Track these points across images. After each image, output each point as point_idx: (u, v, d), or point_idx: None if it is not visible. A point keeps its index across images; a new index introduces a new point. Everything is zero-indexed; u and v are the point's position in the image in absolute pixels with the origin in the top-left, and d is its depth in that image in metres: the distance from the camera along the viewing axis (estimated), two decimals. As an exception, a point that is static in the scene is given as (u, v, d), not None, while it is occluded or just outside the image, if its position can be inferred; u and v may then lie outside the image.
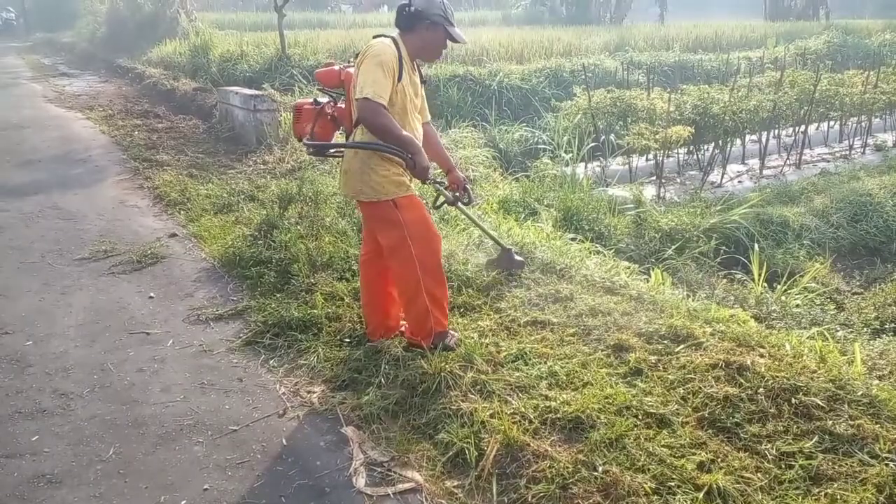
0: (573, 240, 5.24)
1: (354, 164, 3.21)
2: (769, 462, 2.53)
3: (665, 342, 3.34)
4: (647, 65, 12.73)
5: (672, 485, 2.44)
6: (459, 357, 3.23)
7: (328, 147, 3.40)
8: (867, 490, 2.36)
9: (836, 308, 4.98)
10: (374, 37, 3.17)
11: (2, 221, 5.91)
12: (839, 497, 2.35)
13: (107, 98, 12.60)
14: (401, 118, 3.14)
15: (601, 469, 2.52)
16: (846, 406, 2.75)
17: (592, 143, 8.43)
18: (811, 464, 2.49)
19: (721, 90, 8.91)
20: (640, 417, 2.79)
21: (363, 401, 3.14)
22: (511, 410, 2.88)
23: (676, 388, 2.96)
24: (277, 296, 4.23)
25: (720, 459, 2.55)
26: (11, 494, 2.64)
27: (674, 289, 4.35)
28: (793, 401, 2.79)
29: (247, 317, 4.10)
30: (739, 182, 8.46)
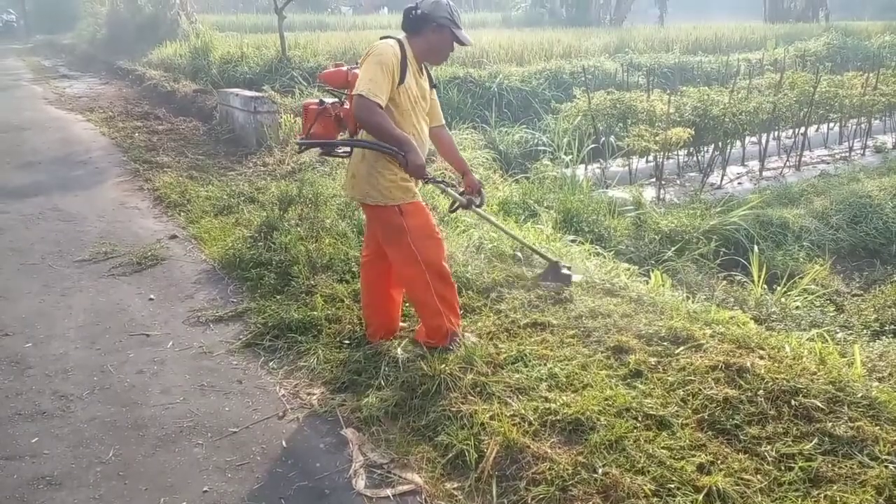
0: (573, 241, 5.25)
1: (362, 168, 3.21)
2: (769, 464, 2.53)
3: (665, 344, 3.34)
4: (647, 67, 12.74)
5: (672, 487, 2.43)
6: (459, 359, 3.23)
7: (318, 145, 3.37)
8: (867, 492, 2.35)
9: (836, 310, 4.99)
10: (381, 38, 3.17)
11: (2, 223, 5.92)
12: (839, 499, 2.34)
13: (107, 100, 12.61)
14: (404, 120, 3.14)
15: (601, 471, 2.52)
16: (846, 408, 2.75)
17: (592, 145, 8.44)
18: (811, 466, 2.49)
19: (721, 92, 8.92)
20: (640, 419, 2.79)
21: (363, 403, 3.14)
22: (511, 412, 2.88)
23: (676, 390, 2.96)
24: (277, 297, 4.23)
25: (720, 461, 2.55)
26: (11, 496, 2.64)
27: (673, 290, 4.35)
28: (792, 403, 2.79)
29: (247, 318, 4.10)
30: (739, 184, 8.47)
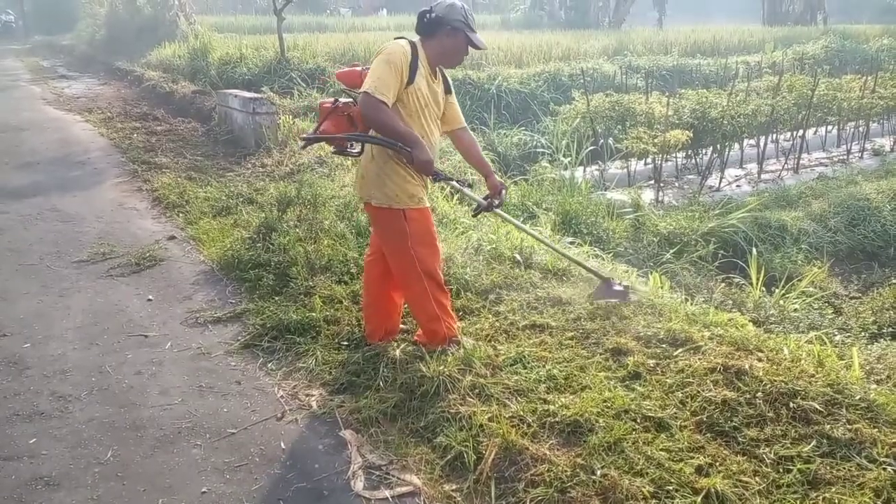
0: (572, 243, 5.25)
1: (371, 170, 3.21)
2: (767, 466, 2.53)
3: (663, 346, 3.34)
4: (646, 69, 12.78)
5: (670, 489, 2.44)
6: (458, 360, 3.23)
7: (321, 140, 3.36)
8: (865, 494, 2.36)
9: (834, 312, 5.00)
10: (395, 38, 3.16)
11: (0, 223, 5.91)
12: (837, 501, 2.35)
13: (106, 100, 12.60)
14: (412, 122, 3.13)
15: (599, 473, 2.52)
16: (844, 410, 2.76)
17: (591, 147, 8.45)
18: (809, 468, 2.49)
19: (719, 95, 8.94)
20: (639, 421, 2.79)
21: (361, 404, 3.14)
22: (509, 414, 2.88)
23: (675, 392, 2.97)
24: (276, 299, 4.23)
25: (718, 463, 2.55)
26: (9, 497, 2.64)
27: (672, 293, 4.35)
28: (791, 405, 2.79)
29: (245, 320, 4.10)
30: (738, 186, 8.48)
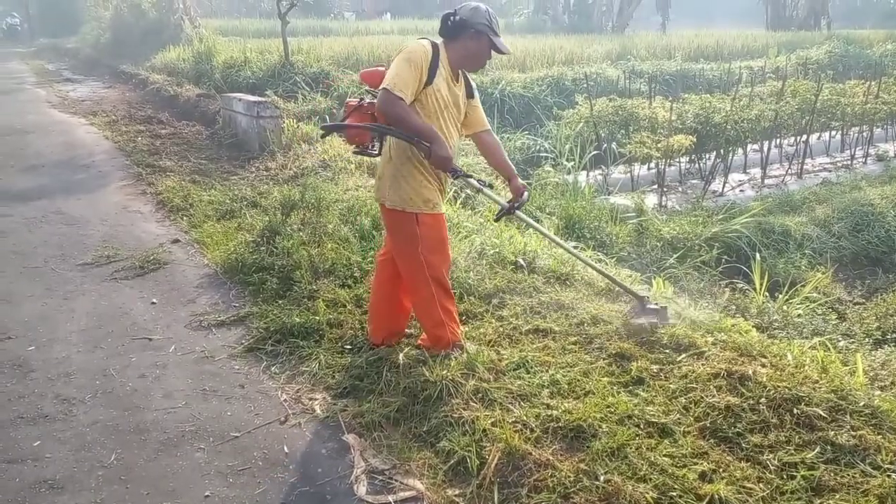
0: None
1: (387, 171, 3.22)
2: (771, 472, 2.52)
3: (667, 351, 3.34)
4: (649, 74, 12.79)
5: (674, 495, 2.43)
6: (461, 365, 3.23)
7: (339, 128, 3.36)
8: (869, 501, 2.35)
9: (838, 318, 4.99)
10: (418, 39, 3.17)
11: (5, 226, 5.93)
12: (841, 508, 2.34)
13: (110, 104, 12.64)
14: (430, 123, 3.11)
15: (603, 478, 2.51)
16: (848, 417, 2.75)
17: (594, 152, 8.46)
18: (813, 474, 2.48)
19: (723, 99, 8.94)
20: (642, 427, 2.79)
21: (364, 408, 3.14)
22: (513, 419, 2.88)
23: (678, 398, 2.96)
24: (279, 302, 4.24)
25: (722, 469, 2.54)
26: (13, 500, 2.64)
27: (675, 298, 4.34)
28: (795, 411, 2.78)
29: (249, 323, 4.10)
30: (741, 191, 8.48)
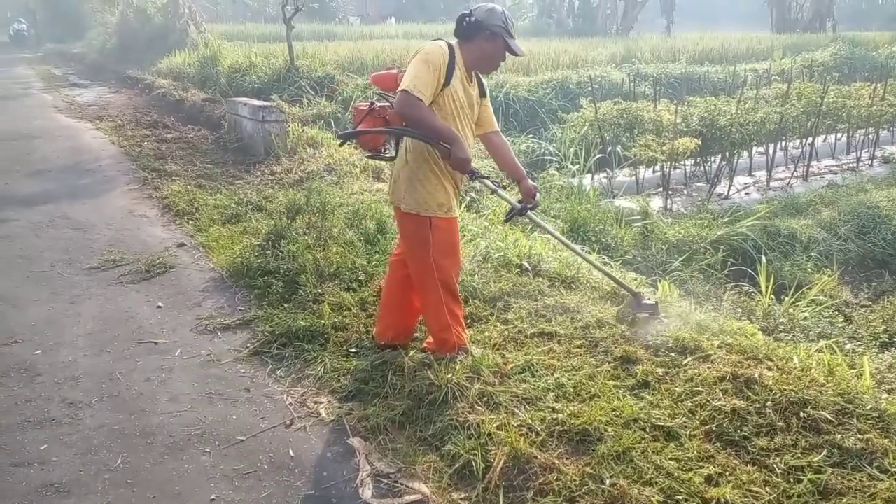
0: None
1: (403, 174, 3.21)
2: (777, 476, 2.51)
3: (672, 354, 3.33)
4: (654, 77, 12.79)
5: (680, 498, 2.42)
6: (466, 368, 3.23)
7: (358, 134, 3.35)
8: (877, 505, 2.34)
9: (845, 321, 4.97)
10: (432, 41, 3.17)
11: (12, 231, 5.96)
12: (848, 512, 2.33)
13: (116, 108, 12.70)
14: (447, 124, 3.10)
15: (608, 482, 2.51)
16: (855, 420, 2.74)
17: (599, 155, 8.46)
18: (820, 478, 2.47)
19: (728, 102, 8.94)
20: (648, 430, 2.78)
21: (370, 412, 3.14)
22: (518, 422, 2.88)
23: (684, 401, 2.96)
24: (285, 306, 4.24)
25: (728, 473, 2.54)
26: (20, 503, 2.65)
27: (681, 301, 4.34)
28: (801, 414, 2.77)
29: (254, 327, 4.11)
30: (747, 194, 8.47)
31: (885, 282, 6.23)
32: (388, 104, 3.33)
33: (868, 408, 2.79)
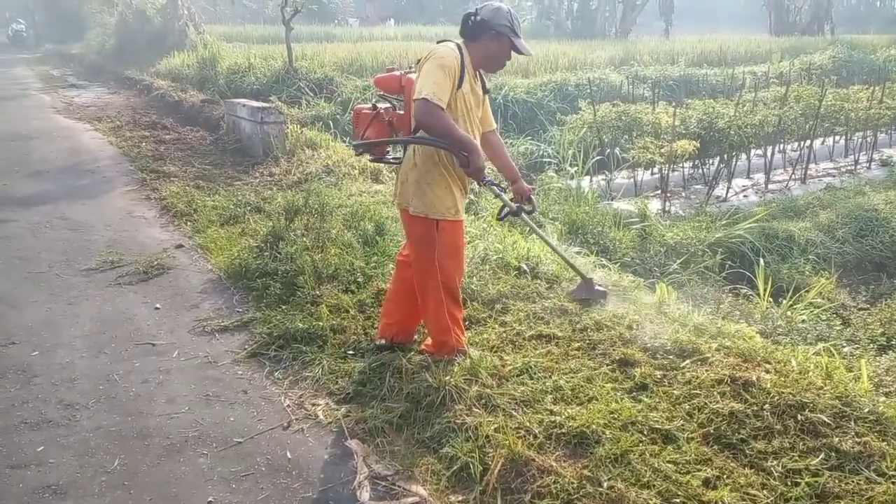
0: (578, 253, 5.24)
1: (411, 177, 3.19)
2: (775, 479, 2.52)
3: (670, 357, 3.33)
4: (653, 79, 12.81)
5: (677, 501, 2.43)
6: (464, 371, 3.23)
7: (376, 144, 3.34)
8: (874, 508, 2.34)
9: (842, 324, 4.97)
10: (438, 42, 3.16)
11: (10, 231, 5.95)
12: (846, 515, 2.33)
13: (115, 109, 12.69)
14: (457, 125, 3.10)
15: (606, 485, 2.51)
16: (853, 423, 2.74)
17: (597, 157, 8.46)
18: (817, 481, 2.48)
19: (726, 105, 8.95)
20: (646, 433, 2.78)
21: (367, 414, 3.14)
22: (516, 425, 2.87)
23: (682, 404, 2.96)
24: (283, 308, 4.24)
25: (726, 476, 2.54)
26: (16, 505, 2.65)
27: (679, 303, 4.34)
28: (799, 417, 2.78)
29: (252, 328, 4.11)
30: (745, 196, 8.47)
31: (883, 285, 6.23)
32: (390, 105, 3.32)
33: (866, 411, 2.79)
